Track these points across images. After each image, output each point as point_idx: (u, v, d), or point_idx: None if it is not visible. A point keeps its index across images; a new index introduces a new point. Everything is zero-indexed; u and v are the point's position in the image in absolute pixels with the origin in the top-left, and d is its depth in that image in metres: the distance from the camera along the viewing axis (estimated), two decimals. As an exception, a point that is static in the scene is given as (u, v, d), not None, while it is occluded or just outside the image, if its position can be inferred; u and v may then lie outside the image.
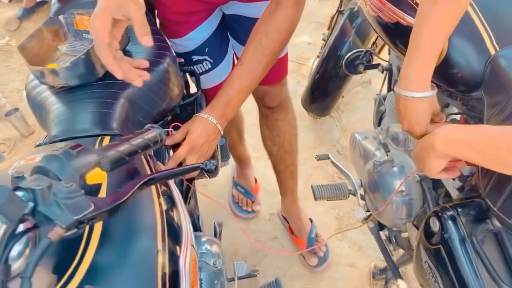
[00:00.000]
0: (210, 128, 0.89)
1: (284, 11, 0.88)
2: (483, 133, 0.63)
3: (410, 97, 0.78)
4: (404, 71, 0.77)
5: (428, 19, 0.72)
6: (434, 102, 0.80)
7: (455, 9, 0.72)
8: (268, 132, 1.45)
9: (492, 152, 0.60)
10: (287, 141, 1.46)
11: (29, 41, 0.83)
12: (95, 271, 0.42)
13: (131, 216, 0.49)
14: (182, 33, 1.13)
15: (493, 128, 0.63)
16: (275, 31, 0.89)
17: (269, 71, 1.26)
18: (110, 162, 0.46)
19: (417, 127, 0.80)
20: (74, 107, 0.77)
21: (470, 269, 0.71)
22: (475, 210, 0.76)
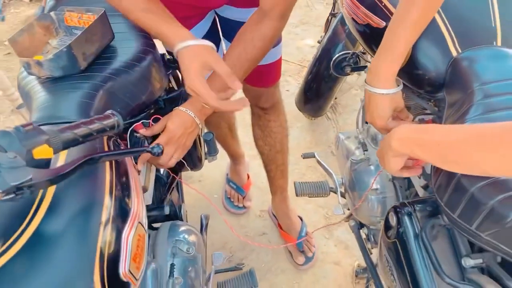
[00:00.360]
0: (188, 121, 0.93)
1: (269, 23, 0.93)
2: (431, 133, 0.65)
3: (373, 92, 0.81)
4: (373, 67, 0.81)
5: (406, 19, 0.75)
6: (397, 98, 0.83)
7: (431, 10, 0.75)
8: (260, 132, 1.49)
9: (438, 151, 0.62)
10: (278, 142, 1.50)
11: (20, 35, 0.89)
12: (38, 237, 0.47)
13: (80, 191, 0.54)
14: None
15: (441, 128, 0.65)
16: (259, 40, 0.94)
17: (265, 74, 1.31)
18: (62, 141, 0.52)
19: (378, 120, 0.84)
20: (56, 96, 0.83)
21: (418, 262, 0.73)
22: (432, 207, 0.79)
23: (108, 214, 0.53)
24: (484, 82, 0.74)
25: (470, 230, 0.63)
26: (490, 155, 0.52)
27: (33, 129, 0.48)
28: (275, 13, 0.92)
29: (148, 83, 0.95)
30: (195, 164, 1.20)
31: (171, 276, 0.93)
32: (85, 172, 0.57)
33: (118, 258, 0.52)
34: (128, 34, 1.03)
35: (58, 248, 0.48)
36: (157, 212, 1.04)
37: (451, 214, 0.66)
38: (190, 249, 0.98)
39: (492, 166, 0.53)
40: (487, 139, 0.53)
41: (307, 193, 1.27)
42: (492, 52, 0.78)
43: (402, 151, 0.71)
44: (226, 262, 1.55)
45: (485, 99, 0.71)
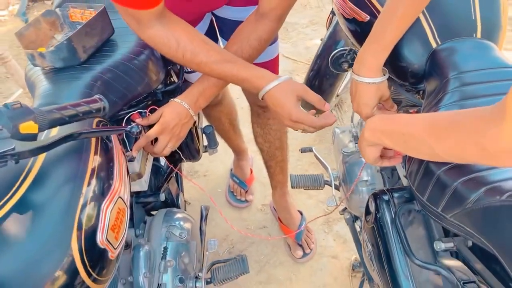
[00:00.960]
0: (182, 112, 0.98)
1: (267, 23, 0.97)
2: (397, 122, 0.68)
3: (360, 81, 0.84)
4: (360, 56, 0.83)
5: (393, 12, 0.78)
6: (382, 87, 0.85)
7: (418, 5, 0.77)
8: (259, 129, 1.51)
9: (402, 140, 0.65)
10: (278, 139, 1.52)
11: (27, 29, 0.96)
12: (22, 205, 0.52)
13: (64, 166, 0.59)
14: None
15: (406, 117, 0.68)
16: (255, 40, 0.97)
17: None
18: (49, 120, 0.57)
19: (363, 108, 0.86)
20: (57, 85, 0.89)
21: (392, 245, 0.76)
22: (409, 194, 0.81)
23: (89, 187, 0.58)
24: (461, 71, 0.76)
25: (437, 213, 0.66)
26: (443, 143, 0.55)
27: (21, 107, 0.53)
28: (273, 15, 0.96)
29: (144, 75, 1.00)
30: (193, 155, 1.25)
31: (164, 258, 0.98)
32: (71, 149, 0.62)
33: (97, 226, 0.56)
34: (127, 29, 1.08)
35: (40, 215, 0.53)
36: (153, 198, 1.09)
37: (421, 198, 0.69)
38: (183, 233, 1.03)
39: (446, 153, 0.56)
40: (439, 127, 0.56)
41: (302, 186, 1.30)
42: (471, 44, 0.80)
43: (373, 140, 0.74)
44: (226, 253, 1.59)
45: (460, 88, 0.74)
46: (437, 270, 0.70)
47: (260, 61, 1.27)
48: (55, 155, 0.60)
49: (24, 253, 0.51)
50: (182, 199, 1.30)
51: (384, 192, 0.83)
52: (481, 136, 0.47)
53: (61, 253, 0.52)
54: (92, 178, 0.59)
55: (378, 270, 0.81)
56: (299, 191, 1.76)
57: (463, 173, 0.61)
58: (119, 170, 0.67)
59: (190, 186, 1.84)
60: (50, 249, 0.52)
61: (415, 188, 0.71)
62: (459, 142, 0.51)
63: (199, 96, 0.99)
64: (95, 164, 0.61)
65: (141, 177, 1.01)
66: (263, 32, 0.97)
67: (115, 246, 0.60)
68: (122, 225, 0.62)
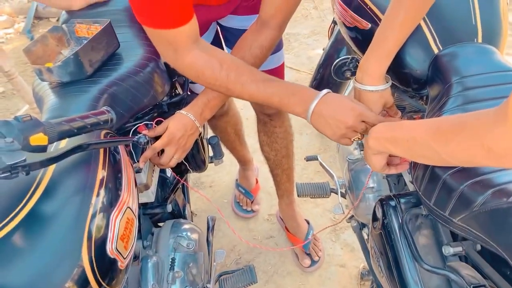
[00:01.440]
0: (188, 123, 0.99)
1: (269, 32, 0.98)
2: (401, 129, 0.68)
3: (363, 89, 0.84)
4: (363, 65, 0.83)
5: (394, 19, 0.78)
6: (386, 95, 0.85)
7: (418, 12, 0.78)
8: (266, 138, 1.52)
9: (407, 146, 0.66)
10: (284, 147, 1.53)
11: (34, 45, 0.98)
12: (33, 216, 0.53)
13: (74, 177, 0.60)
14: None
15: (410, 123, 0.68)
16: (257, 49, 0.98)
17: None
18: (58, 132, 0.58)
19: None
20: (64, 99, 0.90)
21: (401, 251, 0.76)
22: (416, 199, 0.81)
23: (98, 197, 0.58)
24: (463, 76, 0.77)
25: (444, 216, 0.66)
26: (448, 146, 0.55)
27: (31, 120, 0.54)
28: (274, 23, 0.97)
29: (150, 88, 1.02)
30: (199, 166, 1.26)
31: (172, 269, 0.98)
32: (80, 161, 0.63)
33: (106, 236, 0.57)
34: (133, 43, 1.11)
35: (51, 226, 0.54)
36: (160, 209, 1.10)
37: (428, 202, 0.69)
38: (190, 244, 1.03)
39: (452, 157, 0.56)
40: (443, 131, 0.56)
41: (308, 194, 1.30)
42: (472, 48, 0.81)
43: (378, 148, 0.74)
44: (233, 264, 1.58)
45: (462, 92, 0.74)
46: (446, 274, 0.69)
47: (266, 69, 1.28)
48: (65, 167, 0.60)
49: (35, 264, 0.51)
50: (189, 210, 1.30)
51: (391, 198, 0.83)
52: (486, 137, 0.47)
53: (71, 263, 0.53)
54: (101, 189, 0.60)
55: (387, 277, 0.80)
56: (306, 200, 1.76)
57: (469, 176, 0.61)
58: (127, 180, 0.68)
59: (197, 197, 1.85)
60: (61, 260, 0.52)
61: (421, 193, 0.71)
62: (464, 145, 0.52)
63: (204, 107, 1.00)
64: (103, 175, 0.62)
65: (148, 189, 1.01)
66: (265, 40, 0.98)
67: (124, 255, 0.60)
68: (131, 235, 0.63)
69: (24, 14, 3.70)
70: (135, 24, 1.16)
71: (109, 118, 0.69)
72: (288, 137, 1.53)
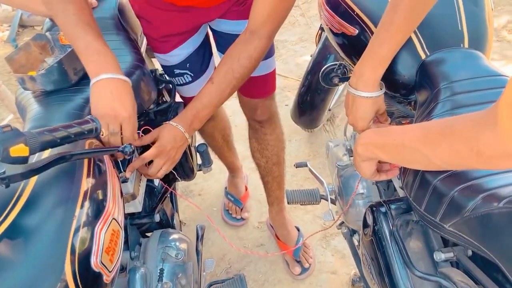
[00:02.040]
0: (178, 135, 0.97)
1: (258, 42, 0.96)
2: (389, 134, 0.68)
3: (357, 95, 0.84)
4: (357, 70, 0.82)
5: (389, 26, 0.77)
6: (379, 101, 0.85)
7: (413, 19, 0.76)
8: (257, 145, 1.51)
9: (396, 151, 0.65)
10: (275, 154, 1.52)
11: (17, 53, 0.96)
12: (13, 230, 0.51)
13: (56, 188, 0.58)
14: (165, 50, 1.21)
15: (398, 128, 0.68)
16: (246, 59, 0.97)
17: (261, 86, 1.35)
18: (40, 142, 0.56)
19: (360, 122, 0.85)
20: (48, 108, 0.88)
21: (392, 257, 0.75)
22: (406, 205, 0.81)
23: (82, 209, 0.56)
24: (451, 81, 0.77)
25: (435, 222, 0.65)
26: (437, 150, 0.55)
27: (11, 130, 0.53)
28: (263, 33, 0.96)
29: (136, 96, 1.00)
30: (187, 174, 1.24)
31: (160, 280, 0.95)
32: (63, 172, 0.61)
33: (90, 249, 0.55)
34: (120, 51, 1.09)
35: (32, 239, 0.52)
36: (147, 219, 1.07)
37: (419, 208, 0.69)
38: (179, 254, 1.01)
39: (441, 160, 0.56)
40: (432, 135, 0.56)
41: (298, 201, 1.29)
42: (459, 54, 0.82)
43: (367, 155, 0.73)
44: (224, 273, 1.56)
45: (451, 97, 0.74)
46: (438, 281, 0.69)
47: (258, 75, 1.27)
48: (47, 178, 0.59)
49: (16, 278, 0.49)
50: (177, 219, 1.28)
51: (381, 204, 0.82)
52: (475, 140, 0.47)
53: (54, 278, 0.51)
54: (85, 200, 0.58)
55: (379, 284, 0.79)
56: (296, 206, 1.75)
57: (459, 182, 0.61)
58: (112, 191, 0.66)
59: (186, 206, 1.82)
60: (43, 274, 0.50)
61: (412, 199, 0.70)
62: (453, 148, 0.51)
63: (193, 118, 0.99)
64: (88, 186, 0.60)
65: (135, 198, 0.99)
66: (254, 50, 0.97)
67: (110, 269, 0.58)
68: (117, 247, 0.61)
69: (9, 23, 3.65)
70: (122, 32, 1.15)
71: (94, 127, 0.67)
72: (279, 144, 1.52)
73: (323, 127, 2.08)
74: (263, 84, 1.35)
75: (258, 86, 1.34)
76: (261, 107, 1.40)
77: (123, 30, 1.16)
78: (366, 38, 0.91)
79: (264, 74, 1.30)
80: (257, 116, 1.43)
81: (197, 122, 1.00)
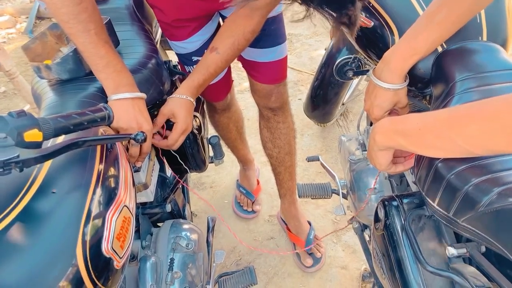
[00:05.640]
0: (190, 106, 1.01)
1: (259, 19, 0.99)
2: (410, 120, 0.67)
3: (378, 85, 0.81)
4: (387, 56, 0.79)
5: (431, 17, 0.74)
6: (400, 94, 0.82)
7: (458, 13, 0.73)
8: (269, 134, 1.50)
9: (419, 136, 0.63)
10: (287, 143, 1.51)
11: (33, 42, 0.97)
12: (27, 213, 0.52)
13: (69, 174, 0.58)
14: (182, 37, 1.22)
15: (418, 115, 0.67)
16: (250, 33, 1.01)
17: (276, 71, 1.35)
18: (54, 128, 0.57)
19: (376, 110, 0.83)
20: (63, 96, 0.89)
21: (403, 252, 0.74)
22: (419, 199, 0.80)
23: (94, 195, 0.57)
24: (468, 74, 0.75)
25: (448, 217, 0.64)
26: (465, 131, 0.53)
27: (25, 115, 0.53)
28: (265, 11, 0.99)
29: (150, 86, 1.01)
30: (199, 166, 1.24)
31: (170, 270, 0.96)
32: (76, 158, 0.62)
33: (102, 235, 0.56)
34: (134, 41, 1.09)
35: (45, 223, 0.52)
36: (159, 209, 1.08)
37: (431, 203, 0.68)
38: (189, 245, 1.02)
39: (469, 143, 0.54)
40: (459, 115, 0.55)
41: (309, 195, 1.29)
42: (477, 46, 0.80)
43: (386, 143, 0.72)
44: (233, 265, 1.57)
45: (467, 91, 0.73)
46: (450, 277, 0.68)
47: (273, 60, 1.30)
48: (60, 164, 0.59)
49: (29, 262, 0.50)
50: (189, 210, 1.29)
51: (393, 198, 0.81)
52: (509, 119, 0.45)
53: (66, 262, 0.51)
54: (97, 187, 0.59)
55: (389, 278, 0.79)
56: (307, 201, 1.75)
57: (474, 176, 0.60)
58: (124, 178, 0.66)
59: (197, 197, 1.83)
60: (55, 259, 0.51)
61: (425, 193, 0.69)
62: (483, 128, 0.50)
63: (199, 87, 1.03)
64: (100, 173, 0.61)
65: (147, 188, 1.00)
66: (256, 25, 1.01)
67: (120, 255, 0.59)
68: (128, 234, 0.62)
69: (26, 14, 3.70)
70: (136, 22, 1.15)
71: (106, 115, 0.67)
72: (290, 133, 1.51)
73: (336, 121, 2.06)
74: (279, 70, 1.36)
75: (274, 72, 1.35)
76: (276, 93, 1.40)
77: (138, 21, 1.16)
78: (382, 31, 0.89)
79: (279, 59, 1.31)
80: (271, 103, 1.42)
81: (201, 90, 1.04)
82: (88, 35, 0.83)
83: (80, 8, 0.80)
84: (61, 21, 0.82)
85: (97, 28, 0.84)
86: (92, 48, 0.84)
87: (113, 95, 0.85)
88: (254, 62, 1.32)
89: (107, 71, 0.85)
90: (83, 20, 0.81)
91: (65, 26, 0.82)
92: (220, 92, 1.43)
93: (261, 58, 1.30)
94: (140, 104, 0.90)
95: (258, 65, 1.32)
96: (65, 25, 0.82)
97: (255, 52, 1.29)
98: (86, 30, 0.82)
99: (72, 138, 0.59)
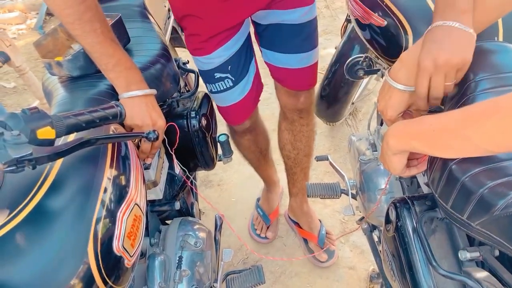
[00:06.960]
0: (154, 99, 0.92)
1: None
2: (424, 122, 0.66)
3: (393, 86, 0.79)
4: (404, 59, 0.77)
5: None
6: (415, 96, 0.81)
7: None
8: (290, 137, 1.46)
9: (433, 137, 0.62)
10: (308, 146, 1.49)
11: (45, 39, 0.97)
12: (39, 211, 0.52)
13: (81, 172, 0.58)
14: (208, 51, 1.17)
15: (431, 116, 0.66)
16: None
17: (307, 77, 1.32)
18: (66, 126, 0.57)
19: (389, 111, 0.81)
20: (74, 93, 0.90)
21: (415, 255, 0.73)
22: (431, 201, 0.79)
23: (105, 193, 0.57)
24: (483, 75, 0.74)
25: (462, 220, 0.63)
26: (481, 129, 0.52)
27: (38, 113, 0.53)
28: None
29: (160, 84, 1.01)
30: (207, 164, 1.24)
31: (179, 268, 0.96)
32: (88, 156, 0.62)
33: (113, 233, 0.56)
34: (144, 38, 1.09)
35: (57, 221, 0.52)
36: (167, 207, 1.08)
37: (445, 205, 0.67)
38: (198, 243, 1.02)
39: (486, 141, 0.53)
40: (475, 114, 0.54)
41: (318, 194, 1.28)
42: (493, 47, 0.78)
43: (400, 147, 0.70)
44: (241, 263, 1.57)
45: (483, 92, 0.71)
46: (463, 280, 0.67)
47: (305, 66, 1.27)
48: (72, 162, 0.59)
49: (40, 259, 0.50)
50: (197, 208, 1.29)
51: (405, 200, 0.80)
52: None
53: (77, 260, 0.51)
54: (108, 185, 0.58)
55: (400, 281, 0.78)
56: (314, 200, 1.74)
57: (489, 179, 0.59)
58: (135, 176, 0.66)
59: (205, 195, 1.83)
60: (66, 256, 0.51)
61: (438, 195, 0.68)
62: (500, 126, 0.49)
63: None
64: (111, 170, 0.61)
65: (156, 186, 1.00)
66: None
67: (131, 253, 0.59)
68: (139, 232, 0.61)
69: (36, 11, 3.72)
70: (147, 20, 1.15)
71: (118, 113, 0.67)
72: (312, 135, 1.49)
73: (345, 121, 2.05)
74: (310, 76, 1.33)
75: (305, 78, 1.32)
76: (305, 94, 1.36)
77: (149, 18, 1.16)
78: (395, 30, 0.88)
79: (310, 64, 1.28)
80: (300, 104, 1.37)
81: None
82: (95, 34, 0.81)
83: (83, 7, 0.78)
84: (66, 22, 0.81)
85: (103, 27, 0.82)
86: (100, 48, 0.83)
87: (124, 93, 0.84)
88: (286, 69, 1.27)
89: (117, 69, 0.84)
90: (88, 19, 0.80)
91: (70, 27, 0.81)
92: (237, 115, 1.36)
93: (296, 64, 1.25)
94: (152, 100, 0.88)
95: (291, 72, 1.27)
96: (70, 27, 0.80)
97: (290, 58, 1.24)
98: (93, 30, 0.80)
99: (84, 136, 0.59)
